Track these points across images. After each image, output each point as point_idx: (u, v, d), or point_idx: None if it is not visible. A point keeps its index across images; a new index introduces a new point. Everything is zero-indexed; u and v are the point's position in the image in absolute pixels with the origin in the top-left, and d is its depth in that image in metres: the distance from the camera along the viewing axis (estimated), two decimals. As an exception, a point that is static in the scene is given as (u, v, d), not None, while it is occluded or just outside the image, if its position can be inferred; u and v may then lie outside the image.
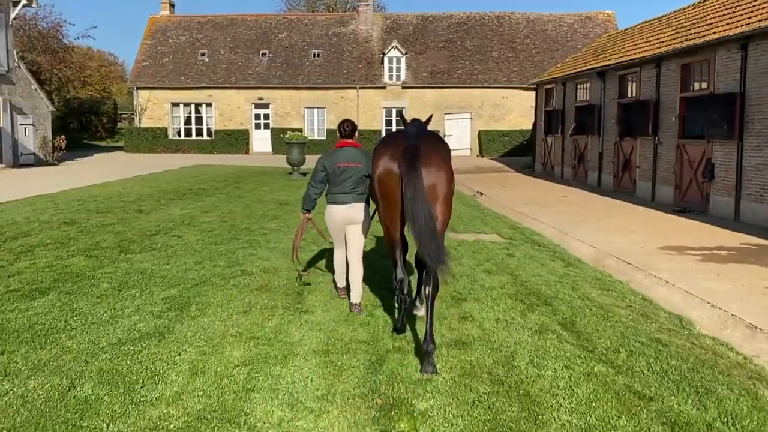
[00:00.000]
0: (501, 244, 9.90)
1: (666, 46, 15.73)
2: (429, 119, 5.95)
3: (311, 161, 25.80)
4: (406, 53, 36.61)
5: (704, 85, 14.22)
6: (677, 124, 15.09)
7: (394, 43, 36.65)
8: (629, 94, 18.01)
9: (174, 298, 6.11)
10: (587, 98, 20.80)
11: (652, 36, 18.22)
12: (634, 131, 17.06)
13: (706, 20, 15.33)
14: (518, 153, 34.29)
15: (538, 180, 22.89)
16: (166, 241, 8.99)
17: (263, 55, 38.00)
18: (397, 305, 5.41)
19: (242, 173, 22.12)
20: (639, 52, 17.26)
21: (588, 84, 20.79)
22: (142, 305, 5.87)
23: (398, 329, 5.27)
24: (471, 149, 36.39)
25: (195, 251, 8.36)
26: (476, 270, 7.74)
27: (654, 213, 14.04)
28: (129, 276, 6.98)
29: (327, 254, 8.19)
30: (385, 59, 36.62)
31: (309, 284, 6.78)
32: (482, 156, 35.56)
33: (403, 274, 5.21)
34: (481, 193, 18.78)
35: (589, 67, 20.48)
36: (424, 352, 4.55)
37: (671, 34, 16.59)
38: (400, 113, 7.12)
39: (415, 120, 5.78)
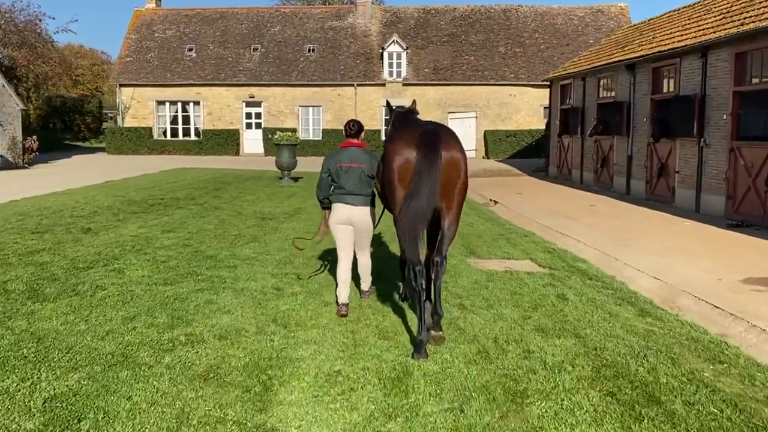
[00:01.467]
0: (541, 276, 7.65)
1: (714, 32, 13.49)
2: (414, 105, 6.19)
3: (304, 164, 23.74)
4: (406, 48, 34.34)
5: (766, 78, 12.00)
6: (730, 124, 12.84)
7: (394, 38, 34.37)
8: (665, 89, 15.78)
9: (64, 397, 3.83)
10: (613, 94, 18.56)
11: (689, 24, 15.97)
12: (673, 131, 14.82)
13: (761, 2, 13.09)
14: (527, 154, 32.03)
15: (555, 185, 20.65)
16: (99, 280, 6.70)
17: (255, 50, 35.68)
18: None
19: (226, 178, 19.82)
20: (678, 41, 15.01)
21: (613, 78, 18.54)
22: (4, 419, 3.58)
23: (420, 343, 4.73)
24: (476, 150, 34.11)
25: (132, 297, 6.07)
26: (525, 327, 5.47)
27: (706, 228, 11.80)
28: (18, 347, 4.69)
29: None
30: (385, 54, 34.35)
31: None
32: (488, 158, 33.30)
33: (420, 265, 4.83)
34: (496, 202, 16.56)
35: (615, 59, 18.25)
36: (434, 319, 4.86)
37: (716, 20, 14.34)
38: (387, 103, 7.45)
39: (400, 107, 6.14)
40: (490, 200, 16.99)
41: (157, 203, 13.19)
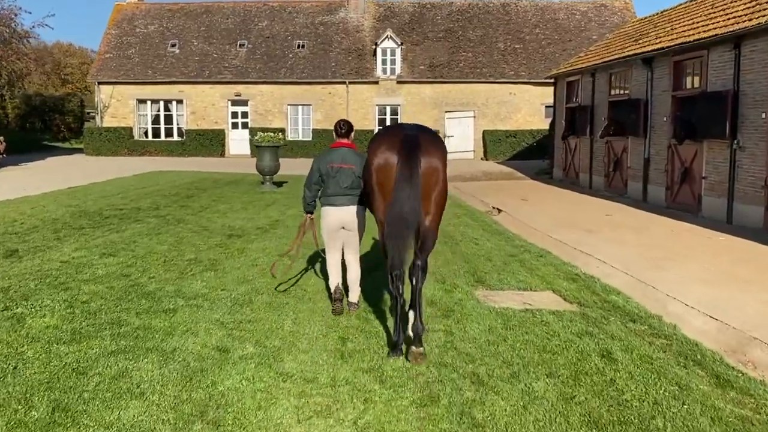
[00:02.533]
0: (571, 318, 5.97)
1: (749, 20, 11.85)
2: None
3: (293, 166, 22.01)
4: (401, 44, 32.63)
5: (816, 69, 10.38)
6: (770, 123, 11.22)
7: (388, 33, 32.64)
8: (689, 85, 14.14)
9: None
10: (627, 91, 16.91)
11: (714, 12, 14.32)
12: (699, 132, 13.19)
13: (805, -15, 11.48)
14: (528, 156, 30.39)
15: (562, 190, 19.00)
16: (-16, 334, 4.97)
17: (241, 46, 33.89)
18: (393, 310, 5.06)
19: (204, 183, 18.06)
20: (704, 31, 13.36)
21: (627, 74, 16.90)
22: None
23: (396, 344, 4.82)
24: (474, 151, 32.44)
25: (16, 366, 4.34)
26: (570, 419, 3.77)
27: (749, 246, 10.13)
28: None
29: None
30: (378, 51, 32.62)
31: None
32: (487, 159, 31.64)
33: (399, 270, 4.83)
34: (499, 210, 14.89)
35: (629, 53, 16.59)
36: (414, 334, 4.66)
37: (748, 7, 12.68)
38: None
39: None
40: (493, 208, 15.33)
41: (113, 215, 11.43)
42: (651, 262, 8.92)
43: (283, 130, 31.94)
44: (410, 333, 4.74)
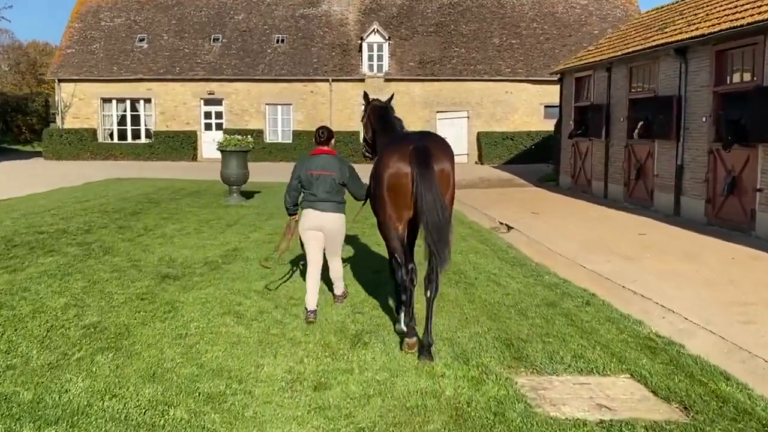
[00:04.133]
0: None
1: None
2: (391, 99, 6.29)
3: (272, 171, 19.48)
4: (389, 39, 30.22)
5: None
6: None
7: (375, 27, 30.23)
8: (737, 79, 11.86)
9: None
10: (652, 87, 14.61)
11: (762, -8, 12.02)
12: (753, 135, 10.89)
13: None
14: (526, 160, 28.12)
15: (575, 200, 16.67)
16: None
17: (215, 40, 31.29)
18: (404, 305, 5.24)
19: (160, 194, 15.45)
20: (758, 14, 11.04)
21: (652, 68, 14.61)
22: None
23: (408, 329, 5.09)
24: (468, 155, 30.08)
25: None
26: None
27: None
28: None
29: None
30: (364, 46, 30.18)
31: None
32: (482, 163, 29.31)
33: (413, 264, 5.18)
34: (509, 227, 12.52)
35: (655, 43, 14.29)
36: (425, 344, 4.89)
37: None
38: (365, 94, 6.16)
39: (376, 99, 6.24)
40: (501, 224, 12.96)
41: (24, 243, 8.85)
42: (731, 310, 6.59)
43: (261, 132, 29.44)
44: (423, 341, 4.92)
